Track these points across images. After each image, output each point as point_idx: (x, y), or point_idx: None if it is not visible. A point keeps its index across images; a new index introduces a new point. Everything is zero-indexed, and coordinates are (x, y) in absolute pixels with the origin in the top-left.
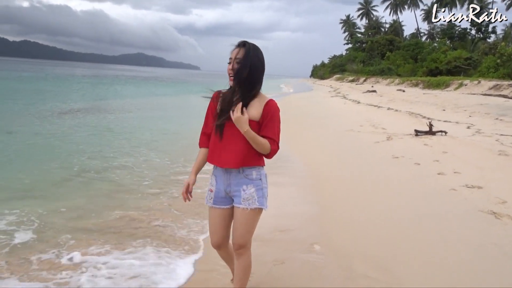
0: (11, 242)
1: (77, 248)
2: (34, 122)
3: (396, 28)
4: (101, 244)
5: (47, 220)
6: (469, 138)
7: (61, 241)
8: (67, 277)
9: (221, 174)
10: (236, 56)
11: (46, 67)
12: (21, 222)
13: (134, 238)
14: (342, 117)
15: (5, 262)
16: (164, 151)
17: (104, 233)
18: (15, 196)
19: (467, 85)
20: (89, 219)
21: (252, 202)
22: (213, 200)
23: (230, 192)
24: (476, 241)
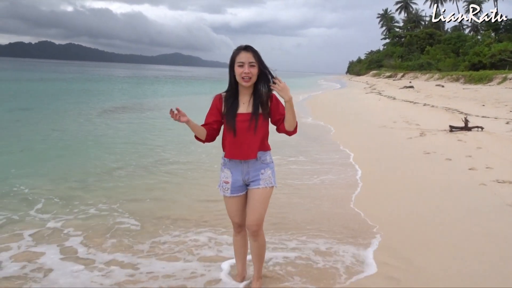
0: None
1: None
2: (86, 120)
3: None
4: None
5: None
6: (507, 134)
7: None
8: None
9: (238, 166)
10: (250, 61)
11: (90, 68)
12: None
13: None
14: (376, 113)
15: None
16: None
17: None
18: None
19: (511, 79)
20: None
21: (269, 181)
22: (230, 190)
23: (248, 179)
24: (502, 234)
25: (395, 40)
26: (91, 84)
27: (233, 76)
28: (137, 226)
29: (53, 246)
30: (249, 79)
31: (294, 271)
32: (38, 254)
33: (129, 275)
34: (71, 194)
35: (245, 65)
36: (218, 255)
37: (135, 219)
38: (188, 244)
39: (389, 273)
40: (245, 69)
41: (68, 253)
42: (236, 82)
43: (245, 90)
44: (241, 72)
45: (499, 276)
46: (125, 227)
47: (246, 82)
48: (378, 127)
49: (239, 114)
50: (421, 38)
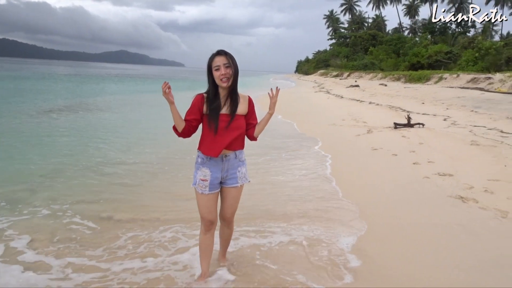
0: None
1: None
2: (15, 121)
3: (378, 23)
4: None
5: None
6: (445, 130)
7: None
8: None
9: (218, 163)
10: (224, 63)
11: (26, 65)
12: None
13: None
14: (325, 111)
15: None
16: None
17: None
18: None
19: (446, 78)
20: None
21: (245, 178)
22: (208, 188)
23: (226, 177)
24: (444, 223)
25: (340, 41)
26: (31, 83)
27: (212, 80)
28: (85, 227)
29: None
30: (227, 80)
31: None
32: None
33: (81, 277)
34: (15, 196)
35: (221, 67)
36: (174, 253)
37: (83, 220)
38: (143, 243)
39: (346, 265)
40: (222, 71)
41: (14, 255)
42: (215, 85)
43: (224, 91)
44: (219, 75)
45: (445, 262)
46: (75, 228)
47: (225, 83)
48: (328, 125)
49: (221, 115)
50: (364, 39)
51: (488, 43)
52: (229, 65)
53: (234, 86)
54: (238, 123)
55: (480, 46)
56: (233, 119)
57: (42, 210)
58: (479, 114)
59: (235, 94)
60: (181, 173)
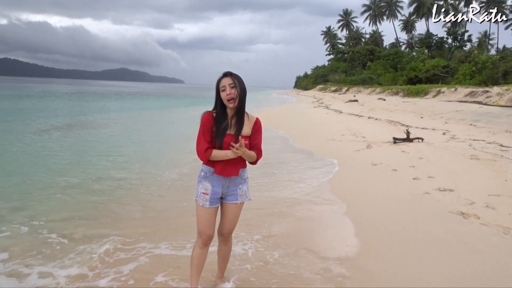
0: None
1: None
2: (14, 140)
3: (376, 38)
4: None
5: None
6: (444, 144)
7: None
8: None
9: (220, 180)
10: (229, 83)
11: (28, 84)
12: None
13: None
14: (324, 127)
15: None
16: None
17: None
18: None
19: (444, 92)
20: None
21: (245, 196)
22: (209, 202)
23: (227, 193)
24: (445, 239)
25: (339, 56)
26: (31, 101)
27: (220, 100)
28: (64, 243)
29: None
30: (233, 100)
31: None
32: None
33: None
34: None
35: (226, 88)
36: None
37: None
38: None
39: (345, 284)
40: (227, 91)
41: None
42: (223, 105)
43: (231, 112)
44: (225, 96)
45: (447, 279)
46: (53, 244)
47: (231, 103)
48: (327, 140)
49: (227, 135)
50: (362, 54)
51: (485, 57)
52: (234, 85)
53: (241, 107)
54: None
55: (477, 60)
56: (238, 140)
57: (20, 227)
58: (478, 127)
59: (242, 115)
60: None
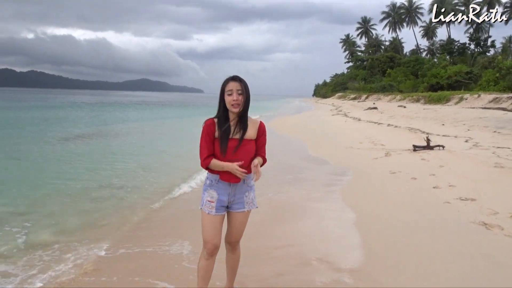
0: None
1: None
2: (43, 148)
3: (396, 46)
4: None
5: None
6: (467, 152)
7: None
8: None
9: (227, 188)
10: (237, 89)
11: (54, 95)
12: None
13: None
14: (343, 135)
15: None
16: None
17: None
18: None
19: (467, 99)
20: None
21: (252, 204)
22: (215, 209)
23: (233, 201)
24: (466, 251)
25: (358, 64)
26: (57, 112)
27: (223, 103)
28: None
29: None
30: (238, 105)
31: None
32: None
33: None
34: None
35: (233, 93)
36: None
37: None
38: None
39: None
40: (234, 96)
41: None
42: (226, 109)
43: (234, 116)
44: (230, 100)
45: None
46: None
47: (235, 108)
48: (345, 148)
49: (230, 139)
50: (382, 61)
51: (509, 63)
52: (242, 92)
53: (244, 112)
54: (247, 148)
55: (501, 65)
56: (241, 144)
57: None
58: (503, 135)
59: (245, 119)
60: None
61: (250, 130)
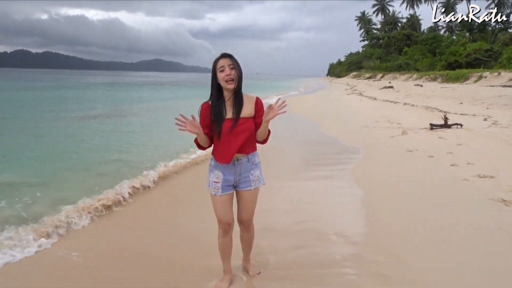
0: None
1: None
2: (61, 126)
3: (413, 23)
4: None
5: None
6: (485, 130)
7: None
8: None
9: (232, 167)
10: (229, 64)
11: (69, 76)
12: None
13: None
14: (358, 113)
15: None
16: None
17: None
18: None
19: (486, 77)
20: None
21: (258, 182)
22: (220, 189)
23: (239, 180)
24: (484, 227)
25: (373, 42)
26: (75, 92)
27: (216, 83)
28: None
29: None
30: (232, 81)
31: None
32: None
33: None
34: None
35: (225, 68)
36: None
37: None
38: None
39: (378, 270)
40: (226, 71)
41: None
42: (220, 89)
43: (229, 95)
44: (223, 76)
45: (482, 267)
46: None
47: (230, 85)
48: (361, 126)
49: (226, 120)
50: (398, 39)
51: None
52: (234, 66)
53: (238, 89)
54: (245, 126)
55: None
56: (237, 123)
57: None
58: None
59: (240, 97)
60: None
61: (246, 108)
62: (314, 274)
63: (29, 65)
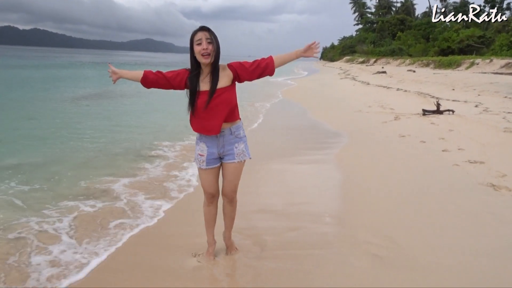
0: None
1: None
2: (51, 108)
3: (407, 7)
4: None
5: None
6: (476, 116)
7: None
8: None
9: (214, 139)
10: (206, 37)
11: (59, 54)
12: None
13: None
14: (351, 98)
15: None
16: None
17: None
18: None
19: (478, 64)
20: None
21: (243, 155)
22: (205, 163)
23: (223, 153)
24: (474, 210)
25: (367, 26)
26: (66, 71)
27: (193, 57)
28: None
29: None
30: (208, 55)
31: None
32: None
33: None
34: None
35: (203, 42)
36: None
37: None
38: None
39: (373, 251)
40: (203, 45)
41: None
42: (197, 63)
43: (206, 68)
44: (200, 50)
45: (472, 249)
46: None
47: (206, 59)
48: (354, 111)
49: (201, 92)
50: (392, 24)
51: None
52: (211, 41)
53: (216, 64)
54: (225, 96)
55: None
56: (214, 96)
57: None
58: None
59: (217, 71)
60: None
61: (222, 79)
62: (310, 254)
63: (17, 42)
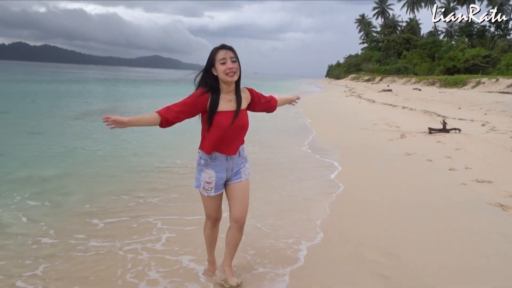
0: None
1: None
2: (59, 123)
3: (413, 27)
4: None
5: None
6: (483, 136)
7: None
8: None
9: (224, 163)
10: (231, 56)
11: (68, 70)
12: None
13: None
14: (356, 116)
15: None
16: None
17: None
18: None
19: (484, 83)
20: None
21: (247, 173)
22: (214, 190)
23: (231, 175)
24: (482, 230)
25: (373, 45)
26: (75, 86)
27: (212, 76)
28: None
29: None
30: (233, 74)
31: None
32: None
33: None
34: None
35: (227, 61)
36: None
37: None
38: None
39: (378, 270)
40: (229, 64)
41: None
42: (217, 82)
43: (227, 87)
44: (225, 69)
45: (479, 270)
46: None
47: (231, 77)
48: (359, 129)
49: (224, 112)
50: (398, 42)
51: None
52: (235, 59)
53: (239, 83)
54: (245, 118)
55: None
56: (238, 115)
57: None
58: None
59: (239, 90)
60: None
61: (243, 101)
62: (315, 272)
63: (28, 58)
